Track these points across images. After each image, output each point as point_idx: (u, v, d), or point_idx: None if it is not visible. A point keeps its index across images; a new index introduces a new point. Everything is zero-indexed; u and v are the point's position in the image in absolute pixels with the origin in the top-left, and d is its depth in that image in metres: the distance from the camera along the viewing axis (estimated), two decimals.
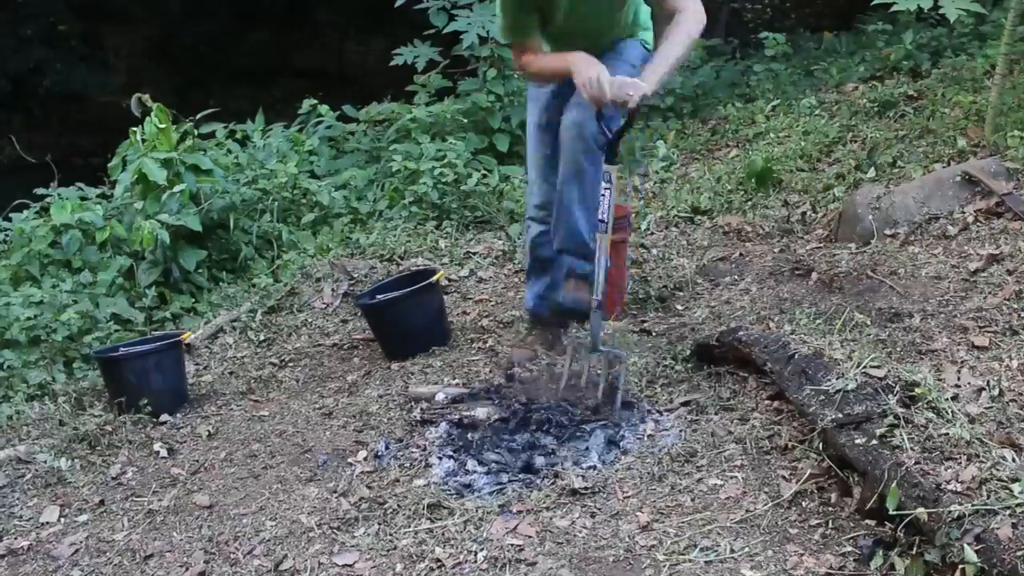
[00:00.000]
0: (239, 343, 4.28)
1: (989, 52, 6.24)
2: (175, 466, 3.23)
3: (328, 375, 3.88)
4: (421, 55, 6.70)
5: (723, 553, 2.39)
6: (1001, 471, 2.16)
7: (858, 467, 2.41)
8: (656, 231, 5.05)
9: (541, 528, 2.58)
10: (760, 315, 3.67)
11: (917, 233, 4.20)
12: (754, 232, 4.83)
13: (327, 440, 3.27)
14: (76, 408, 3.69)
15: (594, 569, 2.40)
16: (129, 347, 3.80)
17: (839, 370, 2.64)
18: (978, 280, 3.64)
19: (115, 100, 14.39)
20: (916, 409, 2.42)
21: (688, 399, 3.16)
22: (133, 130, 5.02)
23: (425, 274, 4.05)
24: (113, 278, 4.63)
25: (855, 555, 2.31)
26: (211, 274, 5.03)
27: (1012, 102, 5.22)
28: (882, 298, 3.70)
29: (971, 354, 3.04)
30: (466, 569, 2.43)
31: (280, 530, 2.72)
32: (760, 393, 3.08)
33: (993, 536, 1.99)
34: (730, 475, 2.73)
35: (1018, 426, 2.54)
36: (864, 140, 5.61)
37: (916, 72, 6.89)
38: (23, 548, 2.79)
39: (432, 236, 5.10)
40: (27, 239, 4.84)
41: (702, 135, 6.83)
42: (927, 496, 2.15)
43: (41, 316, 4.21)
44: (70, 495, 3.09)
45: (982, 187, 4.23)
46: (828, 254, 4.26)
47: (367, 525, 2.69)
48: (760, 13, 12.30)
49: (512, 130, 6.50)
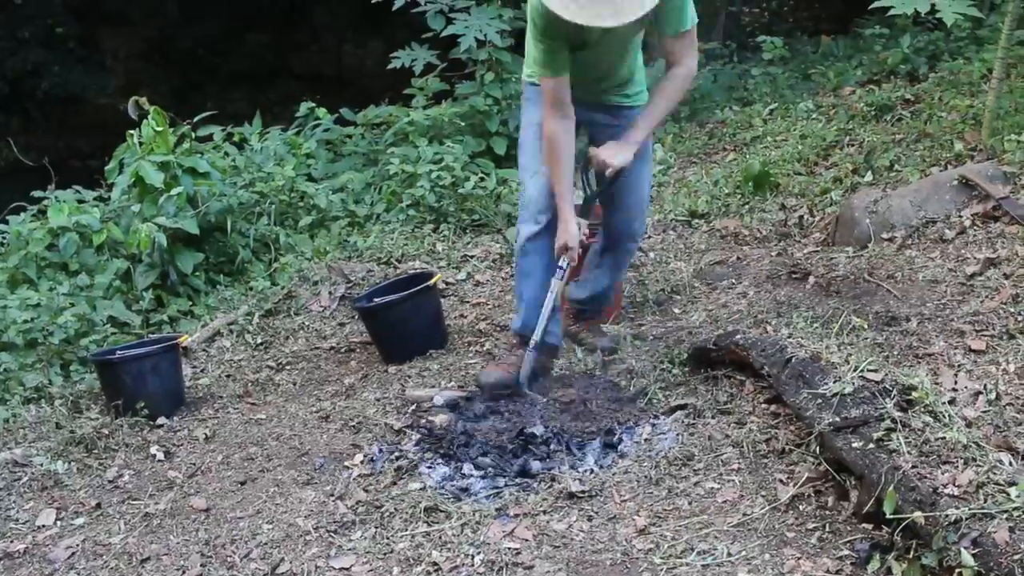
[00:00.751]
0: (236, 346, 4.28)
1: (986, 56, 6.25)
2: (172, 469, 3.22)
3: (325, 378, 3.88)
4: (419, 58, 6.70)
5: (720, 557, 2.39)
6: (998, 475, 2.16)
7: (855, 471, 2.41)
8: (653, 235, 5.05)
9: (538, 532, 2.58)
10: (757, 318, 3.67)
11: (914, 237, 4.21)
12: (751, 236, 4.83)
13: (324, 443, 3.27)
14: (73, 411, 3.69)
15: (591, 573, 2.39)
16: (126, 350, 3.79)
17: (836, 374, 2.64)
18: (975, 284, 3.65)
19: (112, 103, 14.37)
20: (913, 413, 2.42)
21: (685, 403, 3.15)
22: (130, 133, 5.01)
23: (422, 277, 4.05)
24: (110, 281, 4.63)
25: (852, 559, 2.31)
26: (208, 277, 5.02)
27: (1009, 106, 5.23)
28: (879, 302, 3.70)
29: (968, 358, 3.04)
30: (463, 573, 2.43)
31: (277, 533, 2.71)
32: (757, 397, 3.08)
33: (990, 540, 1.99)
34: (727, 479, 2.73)
35: (1015, 430, 2.54)
36: (861, 144, 5.62)
37: (913, 76, 6.90)
38: (19, 551, 2.79)
39: (429, 239, 5.10)
40: (24, 242, 4.83)
41: (699, 139, 6.84)
42: (924, 500, 2.15)
43: (38, 319, 4.21)
44: (66, 498, 3.09)
45: (979, 191, 4.23)
46: (825, 258, 4.27)
47: (364, 528, 2.69)
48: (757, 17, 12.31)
49: (510, 133, 6.49)
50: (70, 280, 4.61)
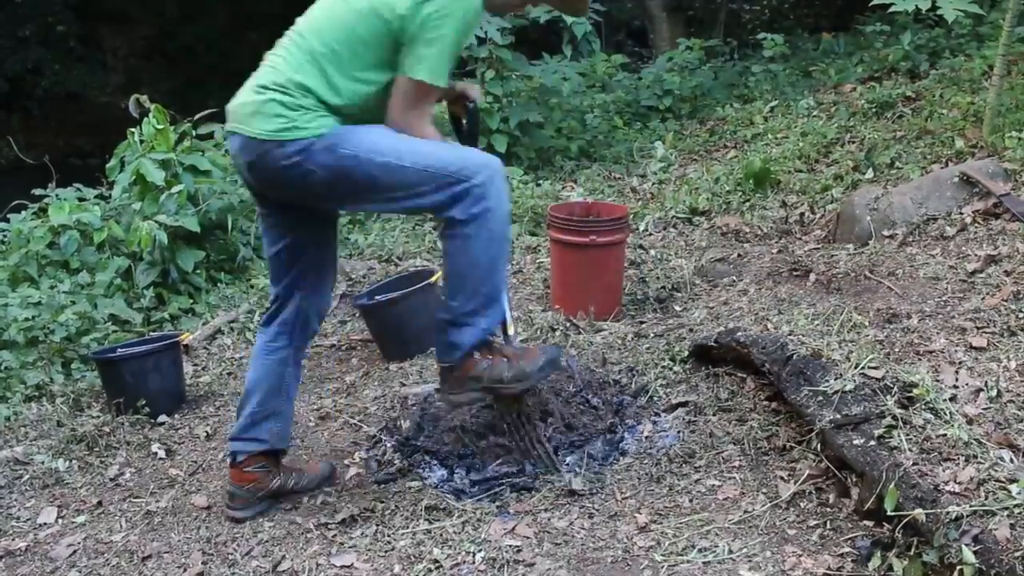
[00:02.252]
0: (237, 344, 4.28)
1: (987, 53, 6.25)
2: (173, 467, 3.23)
3: (326, 376, 3.88)
4: None
5: (721, 554, 2.39)
6: (999, 472, 2.16)
7: (856, 468, 2.41)
8: (654, 232, 5.05)
9: (539, 529, 2.58)
10: (758, 316, 3.67)
11: (915, 234, 4.21)
12: (752, 233, 4.83)
13: (325, 441, 3.27)
14: (74, 409, 3.69)
15: (592, 570, 2.40)
16: (127, 348, 3.79)
17: (837, 371, 2.64)
18: (976, 281, 3.64)
19: (113, 101, 14.40)
20: (914, 410, 2.42)
21: (686, 400, 3.16)
22: (131, 131, 5.01)
23: (423, 275, 4.05)
24: (111, 279, 4.63)
25: (853, 556, 2.31)
26: (209, 275, 5.02)
27: (1010, 103, 5.23)
28: (880, 299, 3.70)
29: (969, 355, 3.03)
30: (464, 570, 2.43)
31: (278, 531, 2.72)
32: (758, 394, 3.08)
33: (991, 537, 1.99)
34: (728, 476, 2.73)
35: (1016, 427, 2.54)
36: (862, 141, 5.62)
37: (914, 73, 6.90)
38: (21, 549, 2.79)
39: (430, 237, 5.10)
40: (25, 240, 4.84)
41: (700, 136, 6.84)
42: (925, 497, 2.15)
43: (39, 317, 4.21)
44: (68, 496, 3.09)
45: (980, 188, 4.23)
46: (826, 255, 4.27)
47: (365, 526, 2.69)
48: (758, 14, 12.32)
49: (510, 131, 6.49)
50: (71, 278, 4.61)
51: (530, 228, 5.26)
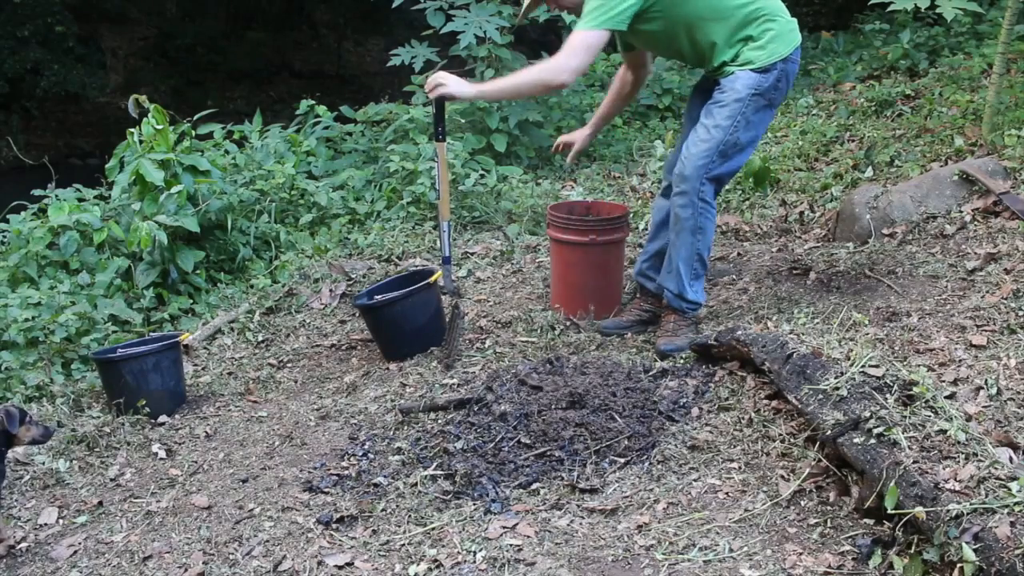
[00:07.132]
0: (237, 344, 4.28)
1: (986, 51, 6.26)
2: (173, 467, 3.23)
3: (326, 376, 3.88)
4: (418, 55, 6.69)
5: (722, 552, 2.39)
6: (999, 470, 2.16)
7: (856, 466, 2.41)
8: None
9: (540, 528, 2.58)
10: (758, 314, 3.68)
11: (915, 232, 4.21)
12: (752, 232, 4.84)
13: (325, 441, 3.27)
14: (74, 409, 3.69)
15: (593, 569, 2.40)
16: (127, 348, 3.79)
17: (837, 369, 2.64)
18: (976, 279, 3.65)
19: (112, 101, 14.43)
20: (914, 408, 2.42)
21: (685, 400, 3.15)
22: (130, 131, 5.01)
23: (423, 274, 4.05)
24: (111, 279, 4.63)
25: (854, 554, 2.31)
26: (209, 275, 5.02)
27: (1009, 101, 5.23)
28: (880, 297, 3.70)
29: (969, 353, 3.04)
30: (465, 569, 2.43)
31: (279, 531, 2.72)
32: (758, 392, 3.08)
33: (991, 535, 1.99)
34: (728, 475, 2.73)
35: (1016, 425, 2.55)
36: (862, 139, 5.62)
37: (913, 71, 6.91)
38: (21, 550, 2.79)
39: (430, 236, 5.10)
40: (25, 240, 4.84)
41: None
42: (925, 495, 2.15)
43: (39, 317, 4.21)
44: (68, 496, 3.09)
45: (980, 186, 4.24)
46: (826, 253, 4.27)
47: (365, 525, 2.69)
48: None
49: (510, 130, 6.49)
50: (71, 278, 4.62)
51: (530, 227, 5.26)
